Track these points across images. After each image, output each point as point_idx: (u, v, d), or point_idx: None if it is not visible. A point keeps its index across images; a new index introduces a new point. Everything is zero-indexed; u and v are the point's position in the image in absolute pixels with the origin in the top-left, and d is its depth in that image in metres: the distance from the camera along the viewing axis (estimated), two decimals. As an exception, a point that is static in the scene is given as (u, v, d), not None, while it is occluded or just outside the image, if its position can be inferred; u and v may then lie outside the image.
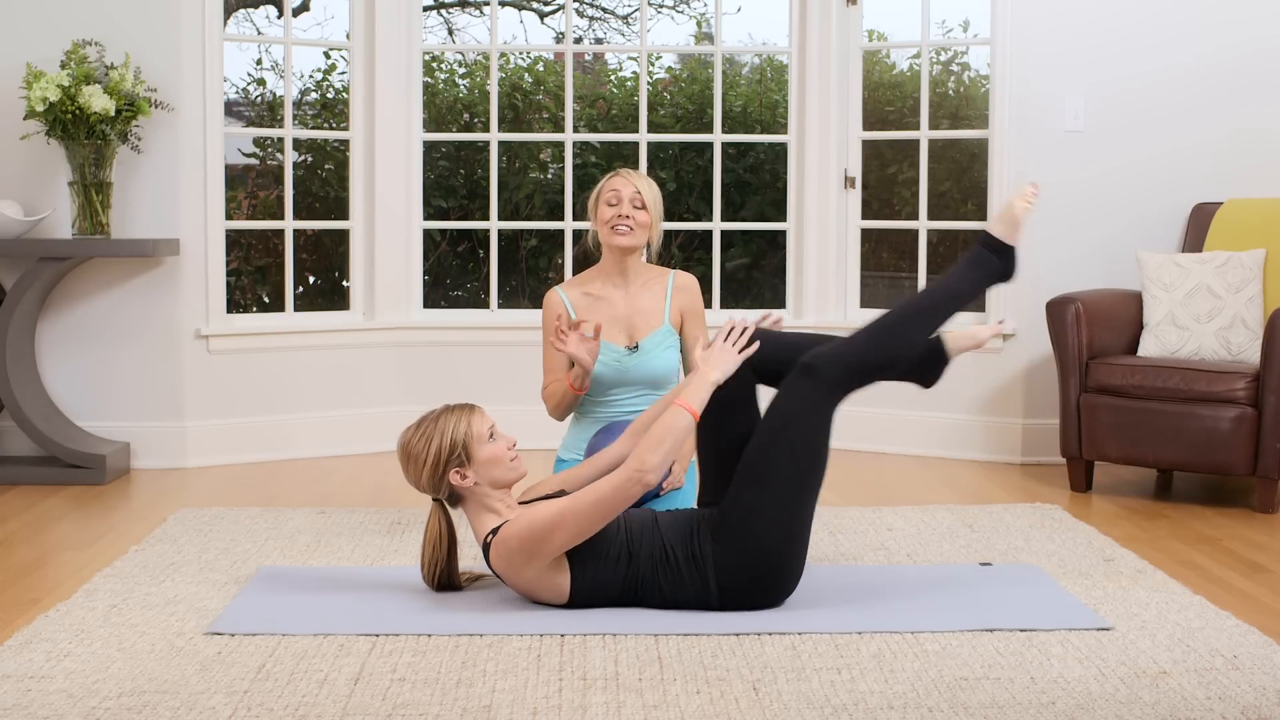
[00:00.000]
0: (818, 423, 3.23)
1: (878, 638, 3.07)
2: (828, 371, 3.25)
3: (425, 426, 3.29)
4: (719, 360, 3.28)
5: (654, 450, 3.11)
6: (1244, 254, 4.86)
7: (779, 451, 3.19)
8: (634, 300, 4.04)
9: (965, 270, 3.45)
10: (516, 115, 7.90)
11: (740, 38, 11.28)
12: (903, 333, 3.37)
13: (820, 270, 5.80)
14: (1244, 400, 4.48)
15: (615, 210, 3.97)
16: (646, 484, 3.08)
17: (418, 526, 4.11)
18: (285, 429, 5.46)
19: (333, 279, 7.96)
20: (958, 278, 3.44)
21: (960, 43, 8.09)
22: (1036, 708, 2.64)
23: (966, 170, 7.84)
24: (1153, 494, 4.83)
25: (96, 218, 4.97)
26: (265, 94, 8.09)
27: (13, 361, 4.91)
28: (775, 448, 3.19)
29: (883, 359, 3.33)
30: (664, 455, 3.11)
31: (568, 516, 3.10)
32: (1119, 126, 5.38)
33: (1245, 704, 2.66)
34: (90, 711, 2.60)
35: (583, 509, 3.10)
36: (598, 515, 3.11)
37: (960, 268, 3.46)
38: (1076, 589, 3.49)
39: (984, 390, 5.48)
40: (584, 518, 3.10)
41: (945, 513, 4.39)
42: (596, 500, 3.09)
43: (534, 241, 7.98)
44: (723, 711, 2.62)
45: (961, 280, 3.44)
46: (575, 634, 3.07)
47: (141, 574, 3.61)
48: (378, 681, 2.78)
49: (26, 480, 4.89)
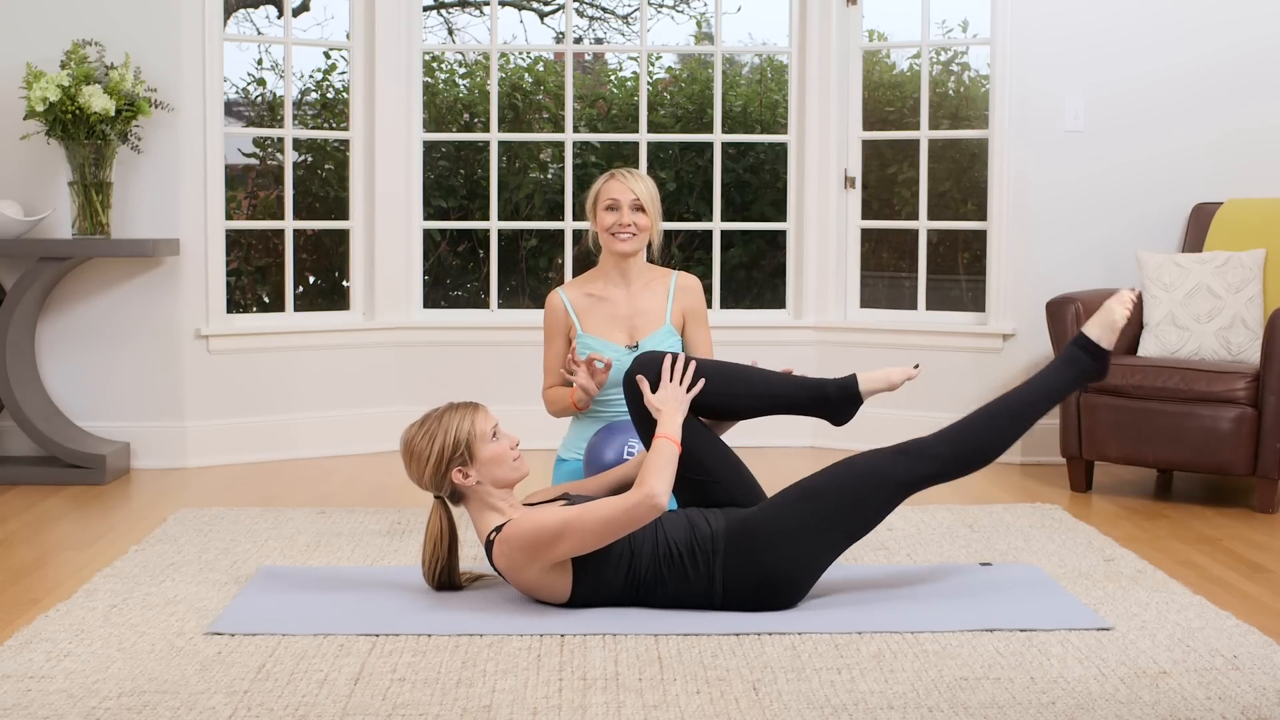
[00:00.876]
0: (884, 496, 3.29)
1: (878, 638, 3.07)
2: (928, 463, 3.31)
3: (429, 424, 3.29)
4: (674, 403, 3.36)
5: (658, 477, 3.16)
6: (1244, 254, 4.86)
7: (834, 497, 3.26)
8: (635, 300, 4.04)
9: (1060, 369, 3.49)
10: (516, 115, 7.90)
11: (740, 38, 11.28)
12: (993, 431, 3.39)
13: (820, 270, 5.80)
14: (1244, 400, 4.48)
15: (616, 217, 3.98)
16: (658, 507, 3.12)
17: (418, 526, 4.11)
18: (285, 429, 5.46)
19: (333, 279, 7.96)
20: (1053, 376, 3.48)
21: (960, 43, 8.09)
22: (1036, 708, 2.64)
23: (966, 170, 7.84)
24: (1153, 494, 4.83)
25: (96, 218, 4.97)
26: (265, 94, 8.09)
27: (13, 361, 4.91)
28: (833, 492, 3.26)
29: (970, 457, 3.37)
30: (667, 480, 3.17)
31: (574, 528, 3.11)
32: (1119, 126, 5.38)
33: (1245, 704, 2.66)
34: (90, 711, 2.61)
35: (591, 524, 3.11)
36: (606, 533, 3.13)
37: (1055, 366, 3.50)
38: (1076, 589, 3.49)
39: (984, 390, 5.48)
40: (591, 533, 3.12)
41: (945, 513, 4.39)
42: (607, 519, 3.11)
43: (534, 241, 7.98)
44: (723, 711, 2.62)
45: (1054, 380, 3.47)
46: (575, 634, 3.07)
47: (141, 574, 3.61)
48: (378, 681, 2.78)
49: (26, 480, 4.89)
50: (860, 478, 3.28)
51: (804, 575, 3.25)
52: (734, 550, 3.21)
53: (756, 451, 4.69)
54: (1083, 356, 3.48)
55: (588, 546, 3.14)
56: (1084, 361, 3.48)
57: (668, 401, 3.37)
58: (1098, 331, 3.49)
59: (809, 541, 3.23)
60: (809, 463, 5.34)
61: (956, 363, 5.54)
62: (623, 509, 3.11)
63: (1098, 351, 3.48)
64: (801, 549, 3.22)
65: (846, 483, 3.27)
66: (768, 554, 3.20)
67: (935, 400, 5.43)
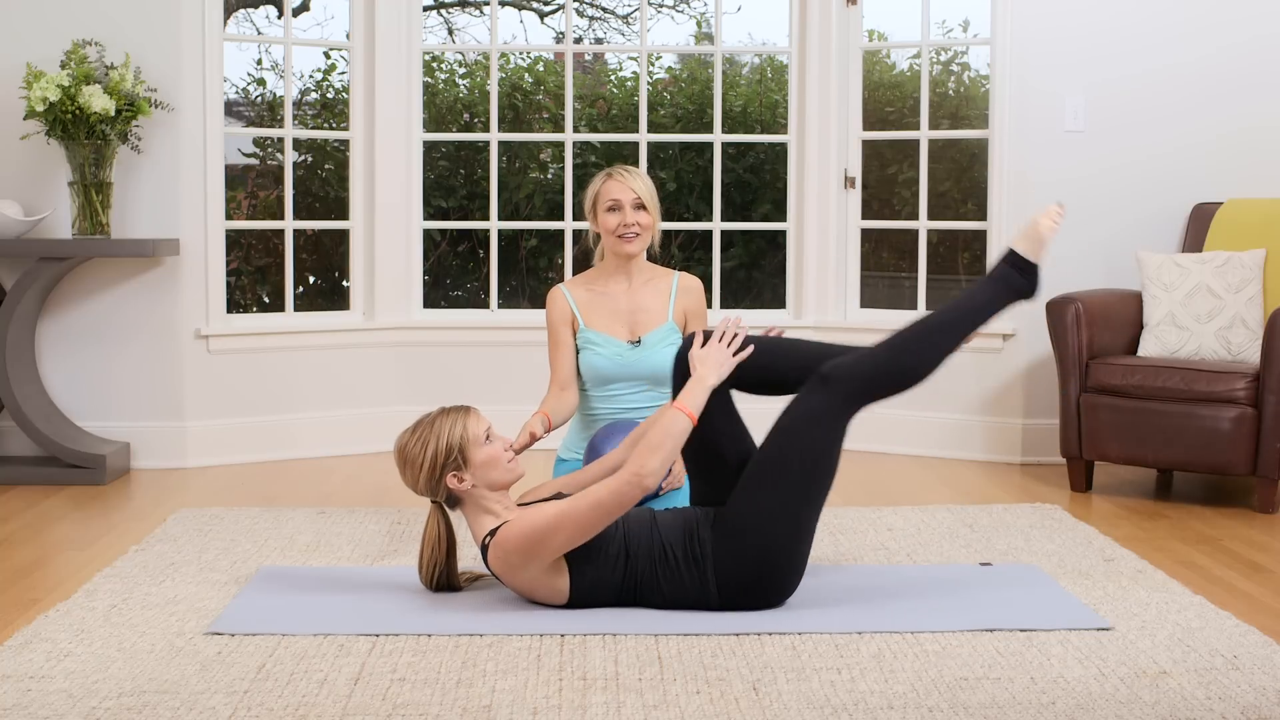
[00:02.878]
0: (830, 433, 3.23)
1: (878, 638, 3.07)
2: (844, 383, 3.25)
3: (421, 430, 3.28)
4: (715, 362, 3.29)
5: (653, 454, 3.11)
6: (1244, 254, 4.86)
7: (789, 458, 3.19)
8: (637, 296, 4.05)
9: (988, 286, 3.45)
10: (516, 115, 7.90)
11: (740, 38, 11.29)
12: (921, 347, 3.35)
13: (820, 270, 5.80)
14: (1244, 400, 4.48)
15: (619, 218, 3.98)
16: (645, 488, 3.09)
17: (418, 527, 4.11)
18: (285, 429, 5.47)
19: (333, 279, 7.96)
20: (980, 293, 3.44)
21: (960, 43, 8.09)
22: (1036, 708, 2.64)
23: (966, 170, 7.85)
24: (1153, 494, 4.83)
25: (96, 218, 4.97)
26: (265, 94, 8.09)
27: (13, 361, 4.91)
28: (786, 454, 3.19)
29: (900, 372, 3.32)
30: (663, 459, 3.12)
31: (567, 519, 3.10)
32: (1119, 126, 5.38)
33: (1245, 704, 2.66)
34: (90, 711, 2.60)
35: (581, 511, 3.10)
36: (596, 518, 3.11)
37: (983, 283, 3.46)
38: (1076, 589, 3.49)
39: (984, 390, 5.48)
40: (583, 520, 3.10)
41: (945, 513, 4.39)
42: (595, 503, 3.09)
43: (534, 241, 7.98)
44: (723, 711, 2.62)
45: (984, 296, 3.44)
46: (575, 634, 3.07)
47: (141, 574, 3.61)
48: (378, 681, 2.78)
49: (26, 480, 4.89)
50: (804, 426, 3.20)
51: (795, 547, 3.20)
52: (722, 548, 3.19)
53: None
54: (1011, 273, 3.44)
55: (583, 535, 3.12)
56: (1013, 278, 3.44)
57: (708, 360, 3.28)
58: (1025, 245, 3.45)
59: (786, 514, 3.17)
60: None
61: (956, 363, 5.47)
62: (611, 490, 3.08)
63: (1027, 266, 3.44)
64: (781, 524, 3.17)
65: (793, 440, 3.20)
66: (753, 540, 3.17)
67: (935, 400, 5.43)
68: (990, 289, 3.44)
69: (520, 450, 3.51)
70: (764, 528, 3.17)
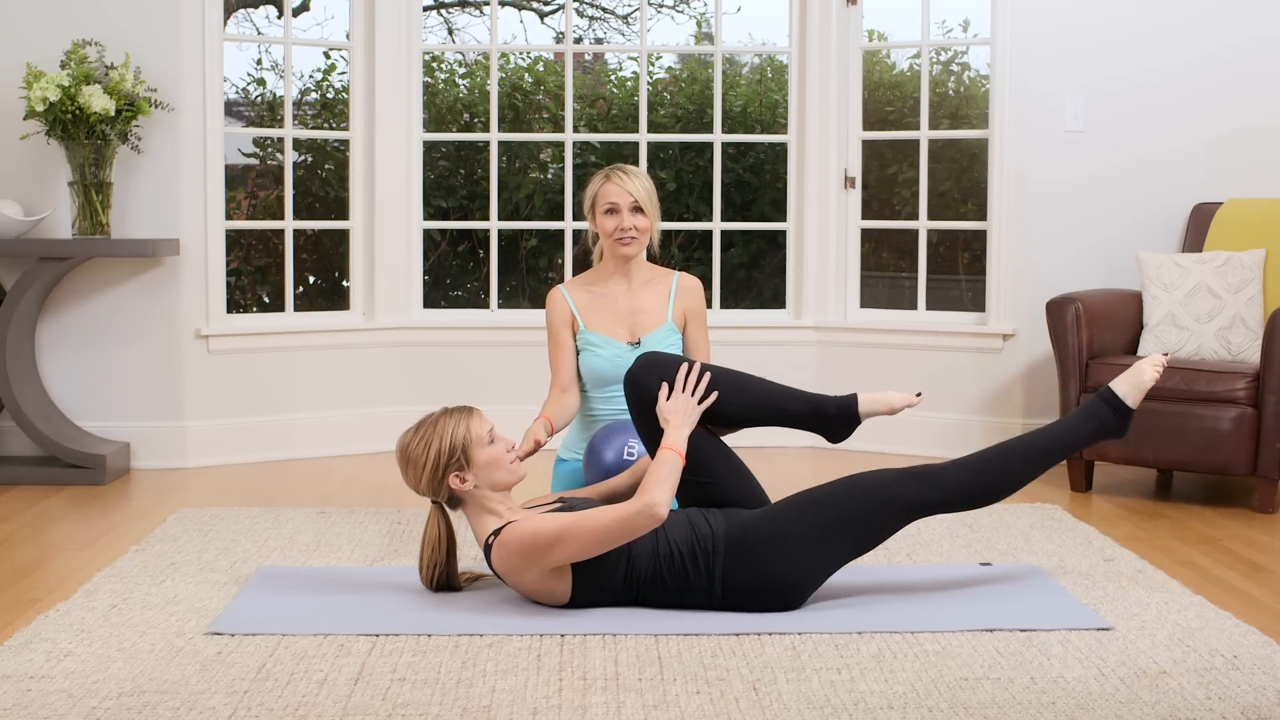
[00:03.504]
0: (896, 518, 3.29)
1: (878, 638, 3.07)
2: (936, 491, 3.30)
3: (424, 430, 3.29)
4: (683, 415, 3.35)
5: (659, 487, 3.14)
6: (1244, 254, 4.86)
7: (849, 510, 3.25)
8: (636, 298, 4.04)
9: (1081, 420, 3.49)
10: (516, 115, 7.90)
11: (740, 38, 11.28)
12: (1008, 469, 3.39)
13: (820, 270, 5.80)
14: (1244, 400, 4.49)
15: (617, 221, 3.97)
16: (657, 518, 3.12)
17: (418, 527, 4.11)
18: (285, 429, 5.46)
19: (333, 279, 7.96)
20: (1073, 425, 3.48)
21: (960, 43, 8.09)
22: (1036, 708, 2.64)
23: (966, 170, 7.85)
24: (1153, 494, 4.83)
25: (96, 218, 4.97)
26: (265, 94, 8.09)
27: (13, 361, 4.91)
28: (850, 505, 3.26)
29: (983, 494, 3.38)
30: (669, 492, 3.16)
31: (572, 534, 3.11)
32: (1119, 126, 5.38)
33: (1245, 704, 2.66)
34: (90, 711, 2.61)
35: (589, 531, 3.11)
36: (604, 541, 3.12)
37: (1077, 416, 3.50)
38: (1076, 589, 3.49)
39: (984, 390, 5.48)
40: (589, 540, 3.12)
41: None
42: (605, 527, 3.11)
43: (534, 241, 7.98)
44: (723, 711, 2.62)
45: (1075, 428, 3.48)
46: (575, 634, 3.07)
47: (141, 574, 3.61)
48: (378, 681, 2.78)
49: (26, 480, 4.89)
50: (867, 494, 3.28)
51: (804, 582, 3.25)
52: (735, 552, 3.21)
53: (758, 452, 4.69)
54: (1106, 411, 3.48)
55: (585, 553, 3.14)
56: (1106, 416, 3.48)
57: (678, 413, 3.35)
58: (1125, 389, 3.49)
59: (810, 551, 3.22)
60: (809, 464, 5.34)
61: (956, 363, 5.54)
62: (622, 517, 3.11)
63: (1122, 408, 3.48)
64: (803, 557, 3.22)
65: (853, 497, 3.27)
66: (769, 559, 3.20)
67: (935, 401, 5.43)
68: (1082, 423, 3.49)
69: (525, 457, 3.53)
70: (784, 554, 3.21)
